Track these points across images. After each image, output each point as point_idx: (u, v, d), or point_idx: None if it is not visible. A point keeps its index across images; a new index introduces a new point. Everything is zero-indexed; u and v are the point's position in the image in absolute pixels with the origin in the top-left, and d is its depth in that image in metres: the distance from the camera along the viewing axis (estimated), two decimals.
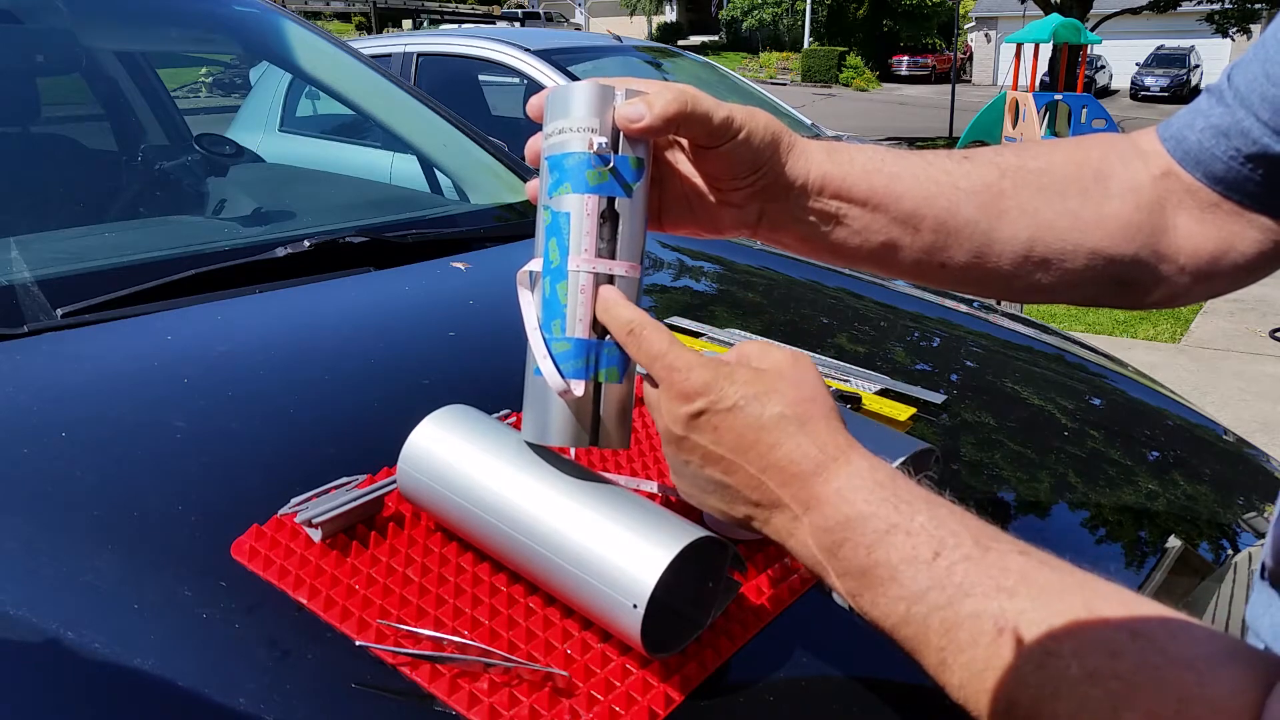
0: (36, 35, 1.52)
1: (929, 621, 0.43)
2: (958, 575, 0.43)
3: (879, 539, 0.45)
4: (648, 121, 0.52)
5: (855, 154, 0.59)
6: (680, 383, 0.50)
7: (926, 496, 0.47)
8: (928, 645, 0.44)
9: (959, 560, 0.44)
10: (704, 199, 0.60)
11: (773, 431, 0.49)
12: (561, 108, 0.54)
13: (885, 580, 0.45)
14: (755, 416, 0.49)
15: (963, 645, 0.42)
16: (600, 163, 0.53)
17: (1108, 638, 0.39)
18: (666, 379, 0.51)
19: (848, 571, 0.47)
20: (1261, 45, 0.57)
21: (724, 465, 0.50)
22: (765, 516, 0.50)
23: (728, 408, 0.50)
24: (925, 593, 0.44)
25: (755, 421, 0.49)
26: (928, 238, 0.59)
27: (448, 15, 22.32)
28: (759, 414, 0.49)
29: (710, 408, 0.50)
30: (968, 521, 0.46)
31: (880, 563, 0.45)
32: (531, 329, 0.55)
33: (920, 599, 0.44)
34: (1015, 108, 8.84)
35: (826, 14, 33.77)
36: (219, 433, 0.77)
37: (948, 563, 0.44)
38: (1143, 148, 0.63)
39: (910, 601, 0.44)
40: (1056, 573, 0.43)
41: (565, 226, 0.54)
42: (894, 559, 0.45)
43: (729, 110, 0.54)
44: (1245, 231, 0.60)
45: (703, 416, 0.50)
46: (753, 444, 0.49)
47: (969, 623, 0.42)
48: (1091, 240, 0.60)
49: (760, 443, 0.49)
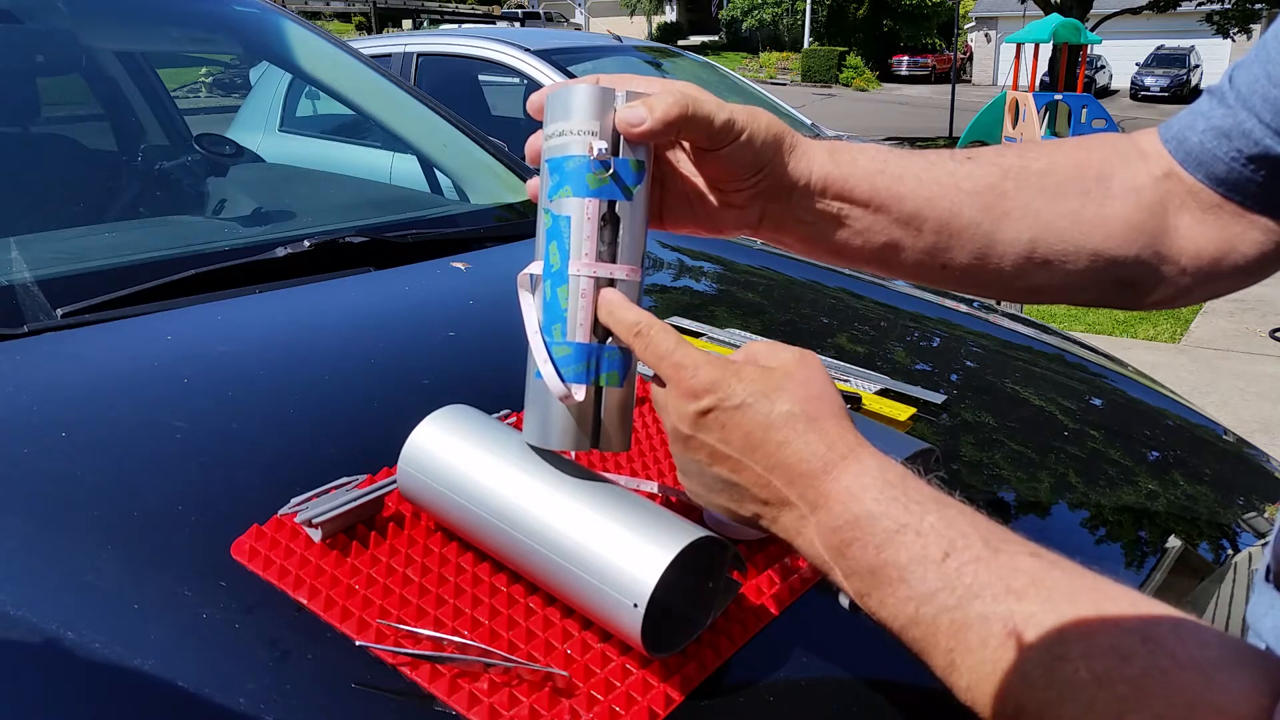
0: (36, 35, 1.52)
1: (938, 622, 0.43)
2: (968, 576, 0.43)
3: (888, 538, 0.45)
4: (648, 126, 0.52)
5: (858, 154, 0.59)
6: (688, 380, 0.50)
7: (937, 497, 0.47)
8: (936, 647, 0.44)
9: (969, 561, 0.43)
10: (705, 199, 0.59)
11: (781, 429, 0.49)
12: (562, 109, 0.54)
13: (894, 580, 0.45)
14: (764, 414, 0.49)
15: (971, 647, 0.42)
16: (600, 167, 0.53)
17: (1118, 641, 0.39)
18: (674, 377, 0.51)
19: (856, 571, 0.46)
20: (1263, 46, 0.57)
21: (731, 464, 0.50)
22: (773, 515, 0.50)
23: (735, 405, 0.49)
24: (934, 594, 0.43)
25: (764, 419, 0.49)
26: (930, 239, 0.59)
27: (448, 15, 22.32)
28: (767, 412, 0.49)
29: (718, 405, 0.50)
30: (978, 522, 0.46)
31: (889, 562, 0.45)
32: (532, 332, 0.55)
33: (929, 600, 0.44)
34: (1015, 108, 8.84)
35: (826, 14, 33.77)
36: (219, 433, 0.77)
37: (958, 564, 0.44)
38: (1144, 149, 0.63)
39: (919, 602, 0.44)
40: (1067, 575, 0.43)
41: (566, 230, 0.54)
42: (903, 559, 0.45)
43: (730, 112, 0.54)
44: (1247, 233, 0.60)
45: (710, 414, 0.50)
46: (761, 442, 0.49)
47: (978, 624, 0.42)
48: (1093, 241, 0.60)
49: (769, 441, 0.49)
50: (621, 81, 0.57)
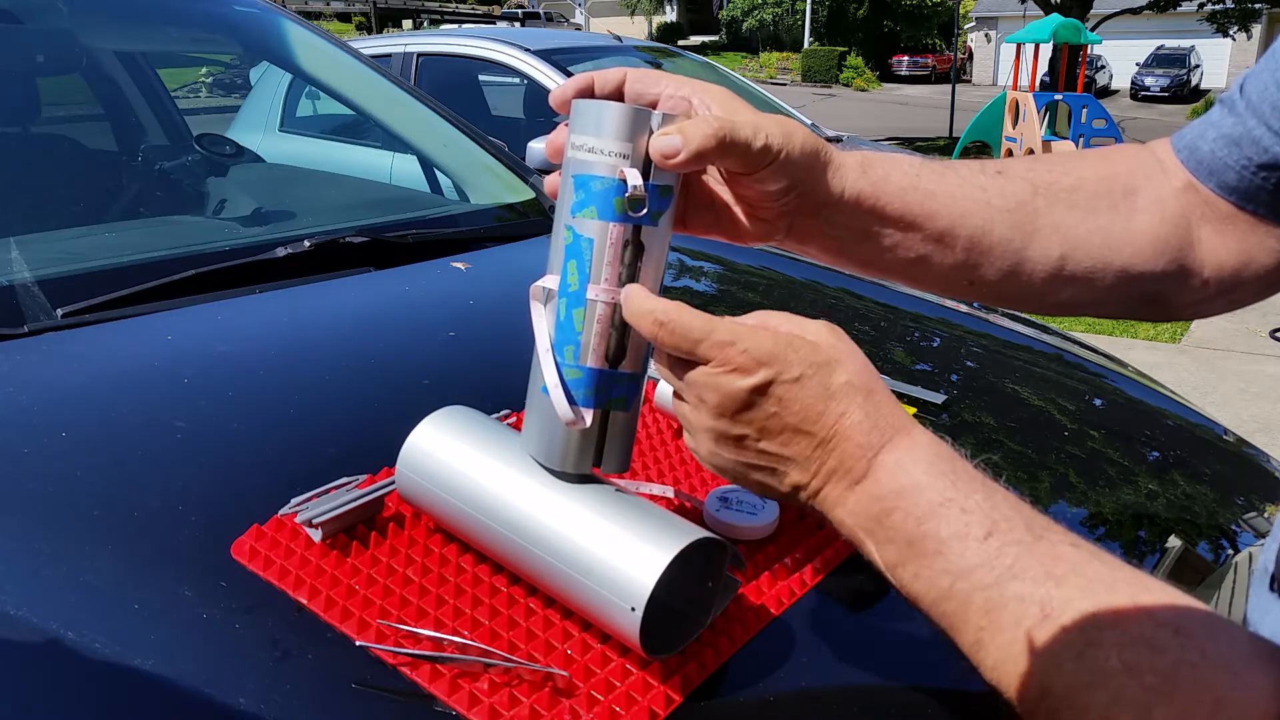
0: (36, 35, 1.52)
1: (971, 599, 0.44)
2: (1008, 557, 0.43)
3: (931, 511, 0.45)
4: (683, 157, 0.50)
5: (890, 169, 0.58)
6: (738, 357, 0.49)
7: (984, 480, 0.47)
8: (967, 623, 0.44)
9: (1011, 543, 0.44)
10: (731, 210, 0.58)
11: (841, 400, 0.48)
12: (593, 123, 0.52)
13: (931, 553, 0.45)
14: (824, 386, 0.49)
15: (1003, 626, 0.42)
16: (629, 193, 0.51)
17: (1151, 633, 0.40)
18: (720, 356, 0.49)
19: (893, 540, 0.46)
20: (1272, 55, 0.57)
21: (784, 437, 0.49)
22: (817, 486, 0.49)
23: (794, 378, 0.48)
24: (972, 570, 0.44)
25: (824, 390, 0.48)
26: (960, 255, 0.59)
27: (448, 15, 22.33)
28: (827, 383, 0.49)
29: (775, 379, 0.48)
30: (1022, 509, 0.46)
31: (929, 535, 0.45)
32: (544, 351, 0.54)
33: (966, 575, 0.44)
34: (1015, 108, 8.83)
35: (826, 14, 33.75)
36: (219, 433, 0.77)
37: (999, 544, 0.44)
38: (1163, 161, 0.63)
39: (955, 577, 0.44)
40: (1107, 567, 0.43)
41: (587, 252, 0.52)
42: (944, 533, 0.45)
43: (766, 136, 0.52)
44: (1264, 242, 0.60)
45: (768, 388, 0.48)
46: (821, 414, 0.48)
47: (1013, 605, 0.42)
48: (1121, 257, 0.60)
49: (829, 411, 0.48)
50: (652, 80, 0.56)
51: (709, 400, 0.50)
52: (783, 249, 0.64)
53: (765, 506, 0.71)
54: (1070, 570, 0.43)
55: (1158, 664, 0.38)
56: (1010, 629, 0.42)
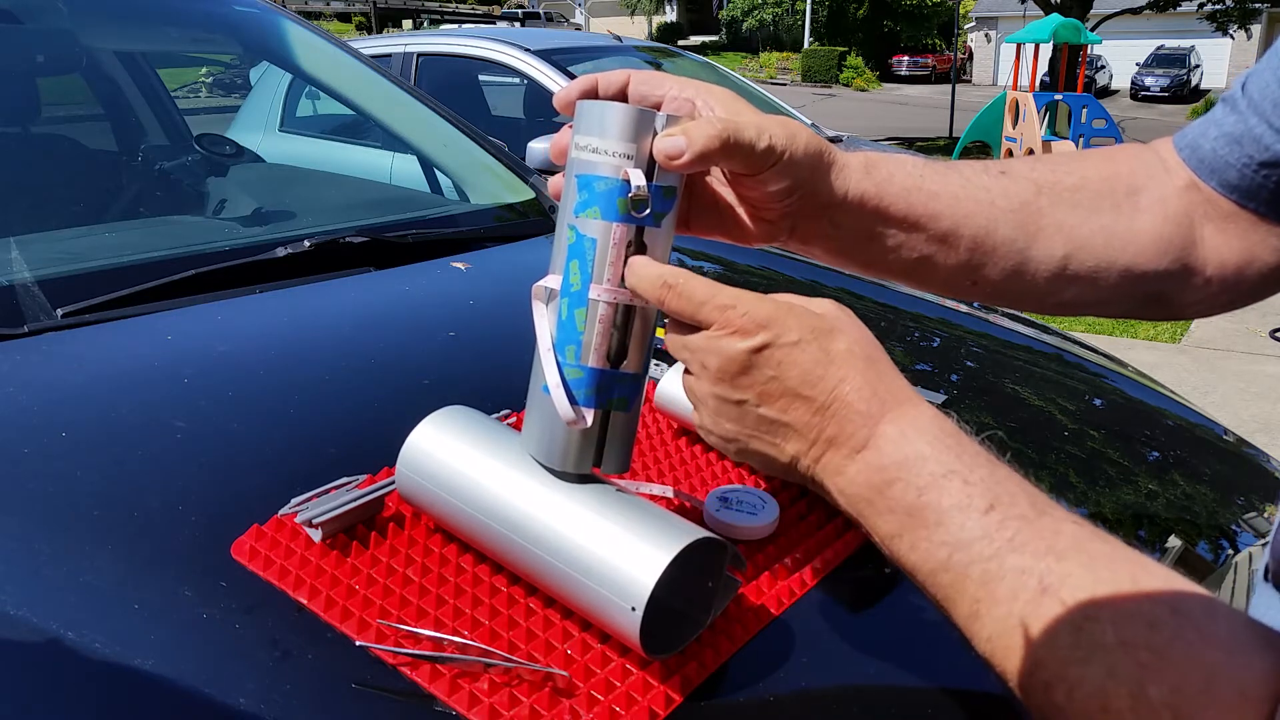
0: (36, 35, 1.52)
1: (969, 571, 0.43)
2: (1009, 531, 0.43)
3: (933, 482, 0.45)
4: (687, 158, 0.50)
5: (894, 170, 0.58)
6: (737, 320, 0.49)
7: (988, 455, 0.47)
8: (963, 594, 0.44)
9: (1013, 517, 0.44)
10: (734, 212, 0.58)
11: (841, 366, 0.48)
12: (597, 124, 0.52)
13: (931, 524, 0.45)
14: (823, 350, 0.48)
15: (1000, 599, 0.42)
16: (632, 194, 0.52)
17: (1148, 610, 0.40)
18: (721, 319, 0.49)
19: (892, 510, 0.46)
20: (1274, 53, 0.57)
21: (783, 402, 0.49)
22: (817, 454, 0.49)
23: (793, 341, 0.48)
24: (972, 542, 0.44)
25: (824, 355, 0.48)
26: (964, 256, 0.59)
27: (448, 15, 22.34)
28: (826, 348, 0.48)
29: (774, 341, 0.48)
30: (1025, 486, 0.46)
31: (930, 505, 0.45)
32: (545, 350, 0.54)
33: (965, 547, 0.44)
34: (1015, 108, 8.84)
35: (826, 14, 33.76)
36: (219, 433, 0.77)
37: (1001, 517, 0.44)
38: (1166, 160, 0.63)
39: (954, 548, 0.44)
40: (1108, 545, 0.43)
41: (590, 252, 0.52)
42: (945, 504, 0.45)
43: (770, 137, 0.52)
44: (1266, 240, 0.60)
45: (765, 351, 0.48)
46: (820, 378, 0.48)
47: (1012, 577, 0.42)
48: (1125, 257, 0.60)
49: (829, 377, 0.48)
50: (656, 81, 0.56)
51: (710, 365, 0.50)
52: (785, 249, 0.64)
53: (765, 506, 0.71)
54: (1071, 546, 0.42)
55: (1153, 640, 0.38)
56: (1007, 602, 0.42)
